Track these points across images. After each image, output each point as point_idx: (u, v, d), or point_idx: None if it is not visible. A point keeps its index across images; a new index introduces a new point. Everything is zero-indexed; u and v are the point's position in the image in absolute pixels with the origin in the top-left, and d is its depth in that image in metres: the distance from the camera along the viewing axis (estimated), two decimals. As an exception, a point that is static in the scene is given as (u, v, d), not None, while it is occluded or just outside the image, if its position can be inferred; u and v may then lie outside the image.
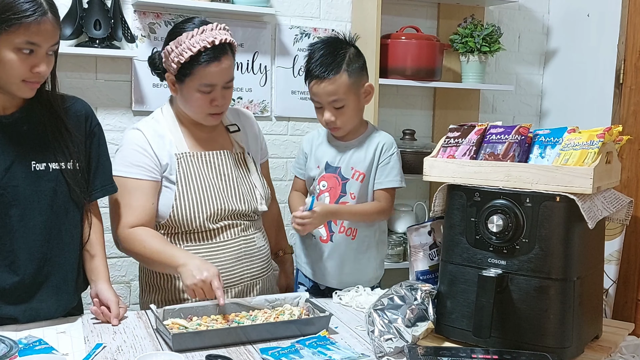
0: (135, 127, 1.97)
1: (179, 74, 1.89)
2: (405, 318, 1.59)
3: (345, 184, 2.08)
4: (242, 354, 1.55)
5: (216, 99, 1.91)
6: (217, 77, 1.88)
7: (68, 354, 1.50)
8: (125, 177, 1.89)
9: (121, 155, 1.94)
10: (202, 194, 1.93)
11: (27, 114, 1.66)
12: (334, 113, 2.02)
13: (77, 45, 2.62)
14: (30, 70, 1.55)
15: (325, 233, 2.10)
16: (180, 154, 1.94)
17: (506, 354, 1.48)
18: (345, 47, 2.04)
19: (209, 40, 1.85)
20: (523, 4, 3.42)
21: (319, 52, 2.01)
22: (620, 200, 1.66)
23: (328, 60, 1.99)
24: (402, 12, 3.19)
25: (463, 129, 1.73)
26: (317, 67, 1.99)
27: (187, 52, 1.84)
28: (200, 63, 1.85)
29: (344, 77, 1.99)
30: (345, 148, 2.11)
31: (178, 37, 1.87)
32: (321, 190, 2.10)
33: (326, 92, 2.00)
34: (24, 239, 1.63)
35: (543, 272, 1.49)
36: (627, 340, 1.71)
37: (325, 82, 1.98)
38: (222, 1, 2.80)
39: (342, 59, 2.00)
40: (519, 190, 1.53)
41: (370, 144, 2.10)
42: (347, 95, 2.01)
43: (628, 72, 1.99)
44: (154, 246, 1.83)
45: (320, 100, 2.02)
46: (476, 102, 3.33)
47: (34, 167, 1.64)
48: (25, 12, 1.50)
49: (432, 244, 1.80)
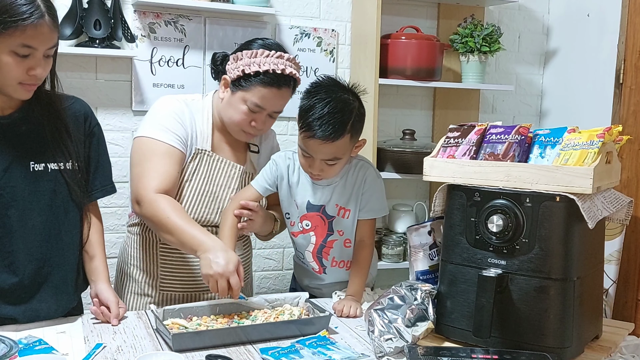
0: (177, 99, 1.94)
1: (237, 81, 1.88)
2: (405, 318, 1.59)
3: (332, 222, 1.95)
4: (242, 354, 1.55)
5: (257, 121, 1.91)
6: (268, 103, 1.88)
7: (68, 354, 1.50)
8: (157, 140, 1.85)
9: (154, 118, 1.90)
10: (197, 196, 1.92)
11: (26, 114, 1.66)
12: (324, 168, 1.84)
13: (77, 45, 2.63)
14: (26, 72, 1.54)
15: (317, 267, 2.02)
16: (202, 150, 1.93)
17: (506, 354, 1.48)
18: (352, 101, 1.82)
19: (279, 67, 1.85)
20: (523, 4, 3.42)
21: (323, 105, 1.77)
22: (620, 200, 1.66)
23: (335, 120, 1.76)
24: (402, 12, 3.19)
25: (463, 129, 1.73)
26: (320, 126, 1.75)
27: (255, 66, 1.84)
28: (261, 82, 1.85)
29: (347, 139, 1.80)
30: (327, 185, 1.93)
31: (255, 49, 1.87)
32: (304, 229, 1.97)
33: (324, 152, 1.80)
34: (23, 240, 1.63)
35: (543, 272, 1.49)
36: (627, 340, 1.71)
37: (327, 144, 1.78)
38: (222, 1, 2.80)
39: (348, 120, 1.79)
40: (519, 190, 1.53)
41: (352, 177, 1.93)
42: (344, 155, 1.84)
43: (628, 72, 1.99)
44: (177, 221, 1.76)
45: (313, 155, 1.82)
46: (476, 102, 3.33)
47: (33, 167, 1.64)
48: (22, 14, 1.48)
49: (432, 244, 1.81)
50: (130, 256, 2.02)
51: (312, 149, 1.81)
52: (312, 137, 1.78)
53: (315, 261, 2.01)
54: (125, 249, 2.06)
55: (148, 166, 1.84)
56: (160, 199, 1.80)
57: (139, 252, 2.00)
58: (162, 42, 2.81)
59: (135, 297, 2.00)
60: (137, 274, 2.00)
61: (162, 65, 2.82)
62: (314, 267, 2.03)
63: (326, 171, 1.85)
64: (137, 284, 2.00)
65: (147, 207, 1.81)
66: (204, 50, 2.88)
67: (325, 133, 1.76)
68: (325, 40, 3.08)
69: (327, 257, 2.00)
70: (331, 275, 2.03)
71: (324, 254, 1.99)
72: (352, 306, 1.86)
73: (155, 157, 1.85)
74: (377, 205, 1.96)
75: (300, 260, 2.08)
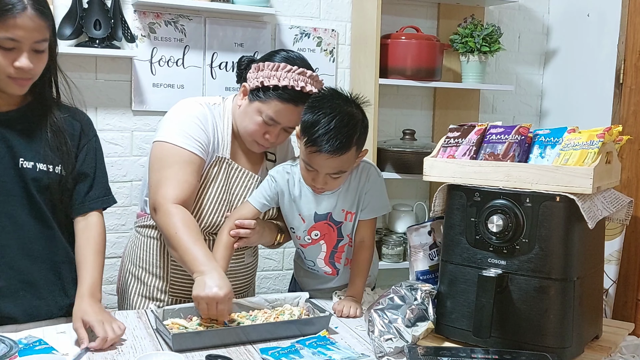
0: (199, 103, 1.91)
1: (255, 91, 1.86)
2: (405, 318, 1.59)
3: (340, 228, 1.93)
4: (242, 354, 1.55)
5: (271, 134, 1.88)
6: (284, 118, 1.85)
7: (68, 354, 1.50)
8: (178, 147, 1.82)
9: (176, 122, 1.87)
10: (213, 204, 1.90)
11: (24, 114, 1.66)
12: (328, 180, 1.81)
13: (77, 45, 2.63)
14: (12, 65, 1.54)
15: (331, 270, 2.01)
16: (221, 157, 1.91)
17: (506, 354, 1.48)
18: (356, 114, 1.80)
19: (299, 83, 1.82)
20: (523, 4, 3.42)
21: (328, 120, 1.74)
22: (620, 200, 1.66)
23: (341, 134, 1.74)
24: (402, 12, 3.19)
25: (463, 129, 1.73)
26: (328, 141, 1.73)
27: (275, 80, 1.82)
28: (279, 97, 1.83)
29: (352, 151, 1.79)
30: (332, 193, 1.89)
31: (278, 62, 1.84)
32: (313, 239, 1.95)
33: (330, 166, 1.78)
34: (14, 235, 1.63)
35: (543, 272, 1.49)
36: (627, 340, 1.71)
37: (333, 158, 1.76)
38: (222, 1, 2.80)
39: (354, 133, 1.77)
40: (519, 190, 1.53)
41: (353, 179, 1.91)
42: (349, 167, 1.83)
43: (628, 72, 2.00)
44: (183, 238, 1.74)
45: (319, 170, 1.79)
46: (476, 102, 3.33)
47: (22, 164, 1.63)
48: (4, 6, 1.48)
49: (432, 244, 1.81)
50: (139, 258, 2.00)
51: (318, 164, 1.78)
52: (318, 151, 1.75)
53: (328, 266, 2.00)
54: (133, 250, 2.04)
55: (168, 173, 1.81)
56: (175, 211, 1.78)
57: (149, 254, 1.98)
58: (162, 42, 2.81)
59: (141, 299, 1.99)
60: (145, 276, 1.98)
61: (162, 65, 2.81)
62: (326, 272, 2.01)
63: (330, 184, 1.83)
64: (145, 286, 1.98)
65: (161, 217, 1.80)
66: (204, 50, 2.88)
67: (332, 148, 1.73)
68: (325, 40, 3.08)
69: (340, 261, 1.99)
70: (343, 276, 2.02)
71: (336, 259, 1.98)
72: (352, 307, 1.85)
73: (176, 164, 1.82)
74: (379, 204, 1.95)
75: (310, 267, 2.04)
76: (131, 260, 2.04)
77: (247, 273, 2.05)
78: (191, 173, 1.83)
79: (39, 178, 1.64)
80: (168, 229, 1.77)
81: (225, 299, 1.62)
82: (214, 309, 1.62)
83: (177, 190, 1.80)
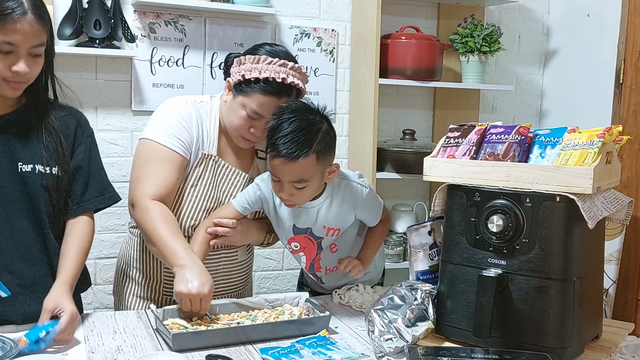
0: (185, 101, 1.91)
1: (238, 85, 1.85)
2: (405, 318, 1.59)
3: (321, 242, 1.92)
4: (242, 354, 1.55)
5: (256, 129, 1.86)
6: (267, 111, 1.82)
7: (68, 354, 1.50)
8: (160, 144, 1.83)
9: (161, 121, 1.88)
10: (200, 201, 1.90)
11: (19, 117, 1.66)
12: (293, 192, 1.77)
13: (77, 45, 2.63)
14: (9, 69, 1.53)
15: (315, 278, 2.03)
16: (208, 155, 1.91)
17: (506, 354, 1.48)
18: (319, 122, 1.76)
19: (280, 75, 1.81)
20: (523, 4, 3.43)
21: (288, 124, 1.71)
22: (620, 200, 1.66)
23: (298, 138, 1.70)
24: (402, 12, 3.19)
25: (463, 129, 1.73)
26: (284, 144, 1.70)
27: (256, 72, 1.81)
28: (261, 89, 1.81)
29: (312, 159, 1.72)
30: (311, 208, 1.86)
31: (259, 55, 1.83)
32: (293, 250, 1.95)
33: (290, 172, 1.73)
34: (12, 239, 1.63)
35: (543, 272, 1.49)
36: (627, 340, 1.71)
37: (291, 163, 1.71)
38: (222, 1, 2.80)
39: (314, 138, 1.72)
40: (519, 190, 1.53)
41: (336, 197, 1.87)
42: (312, 177, 1.76)
43: (628, 72, 2.00)
44: (162, 233, 1.74)
45: (280, 177, 1.76)
46: (476, 102, 3.34)
47: (21, 168, 1.63)
48: (3, 10, 1.48)
49: (432, 244, 1.80)
50: (133, 258, 2.01)
51: (278, 170, 1.74)
52: (276, 156, 1.72)
53: (310, 275, 2.02)
54: (127, 250, 2.04)
55: (147, 170, 1.83)
56: (153, 207, 1.79)
57: (141, 254, 1.98)
58: (162, 42, 2.81)
59: (136, 299, 1.99)
60: (139, 276, 1.99)
61: (162, 65, 2.82)
62: (312, 278, 2.05)
63: (296, 196, 1.78)
64: (140, 286, 1.99)
65: (139, 212, 1.81)
66: (204, 50, 2.88)
67: (288, 151, 1.69)
68: (325, 40, 3.08)
69: (320, 270, 1.99)
70: (330, 281, 2.04)
71: (316, 269, 1.99)
72: (355, 265, 1.90)
73: (156, 161, 1.83)
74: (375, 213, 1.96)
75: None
76: (125, 261, 2.04)
77: (242, 271, 2.05)
78: (171, 170, 1.84)
79: (38, 180, 1.64)
80: (146, 224, 1.78)
81: (209, 295, 1.65)
82: (198, 305, 1.64)
83: (155, 187, 1.81)
